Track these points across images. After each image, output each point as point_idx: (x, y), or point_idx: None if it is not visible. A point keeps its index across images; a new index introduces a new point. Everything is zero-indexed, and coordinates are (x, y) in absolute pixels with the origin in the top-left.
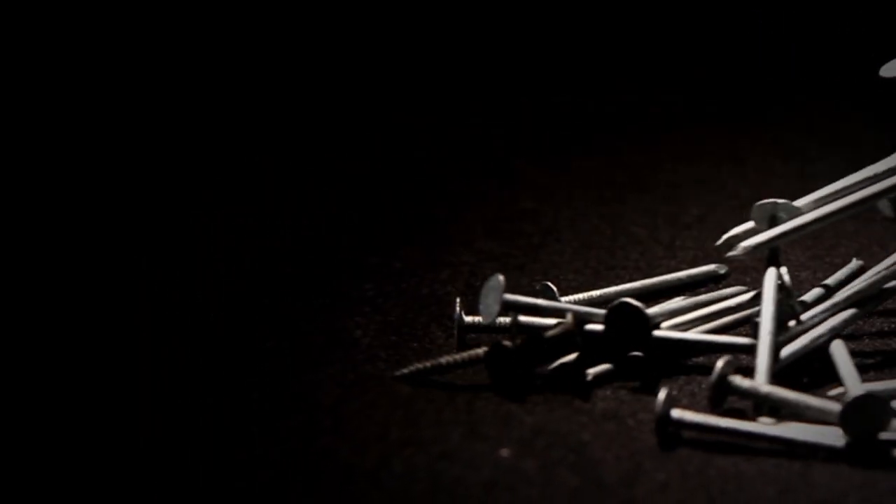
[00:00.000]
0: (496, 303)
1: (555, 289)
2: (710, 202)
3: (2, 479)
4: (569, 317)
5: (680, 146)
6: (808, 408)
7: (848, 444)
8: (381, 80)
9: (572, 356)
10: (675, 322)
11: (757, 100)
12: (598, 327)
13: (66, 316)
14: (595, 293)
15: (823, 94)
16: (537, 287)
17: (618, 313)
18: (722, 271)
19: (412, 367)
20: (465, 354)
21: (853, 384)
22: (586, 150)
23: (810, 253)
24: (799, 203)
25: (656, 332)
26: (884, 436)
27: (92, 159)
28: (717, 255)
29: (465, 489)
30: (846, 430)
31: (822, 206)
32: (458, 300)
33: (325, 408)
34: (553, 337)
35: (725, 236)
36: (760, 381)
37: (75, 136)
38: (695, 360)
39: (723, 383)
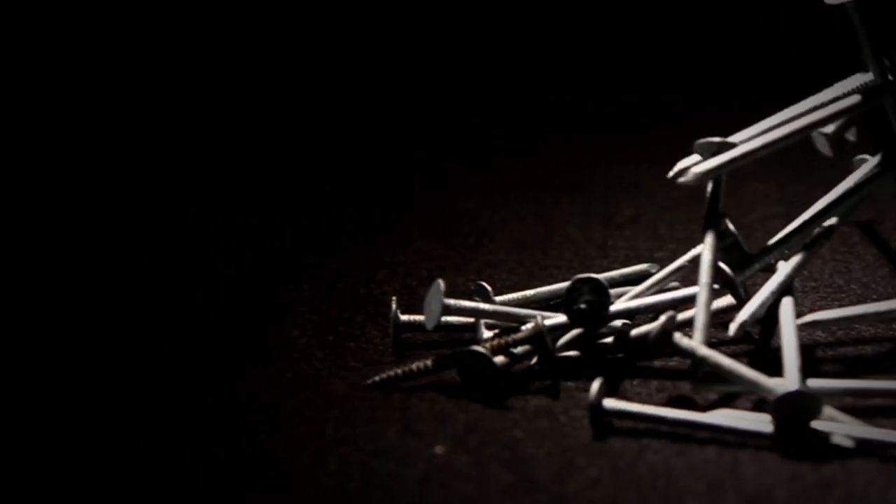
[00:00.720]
0: (437, 308)
1: (489, 288)
2: (643, 203)
3: (2, 479)
4: (538, 318)
5: (615, 149)
6: (742, 378)
7: (777, 432)
8: (327, 81)
9: (538, 357)
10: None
11: (686, 103)
12: (561, 318)
13: (65, 315)
14: (529, 293)
15: (751, 97)
16: (472, 287)
17: (576, 288)
18: (654, 270)
19: (383, 375)
20: (435, 360)
21: (791, 372)
22: (523, 154)
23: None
24: (739, 136)
25: (613, 307)
26: (814, 425)
27: (92, 159)
28: (649, 255)
29: (400, 485)
30: (775, 419)
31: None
32: (393, 300)
33: (262, 406)
34: (522, 340)
35: (676, 168)
36: (698, 339)
37: (75, 136)
38: (630, 359)
39: (664, 336)
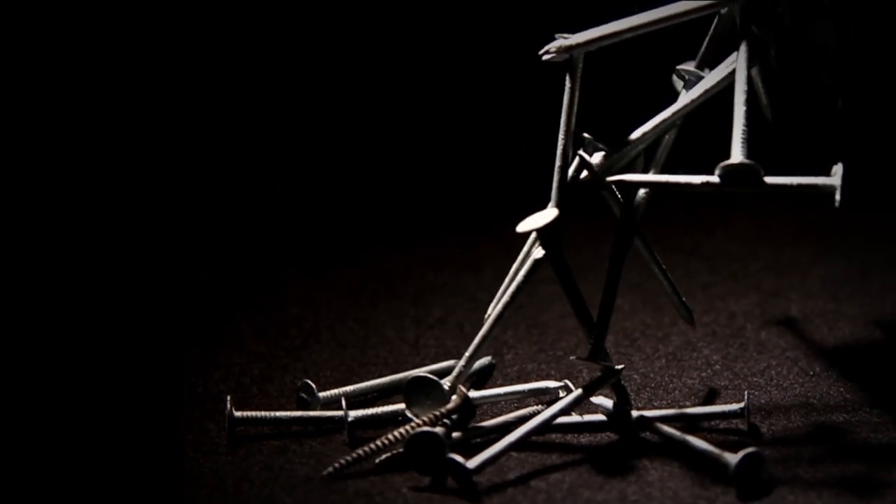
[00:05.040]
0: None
1: (314, 385)
2: (451, 305)
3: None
4: (460, 390)
5: (426, 256)
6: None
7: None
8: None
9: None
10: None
11: (490, 214)
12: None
13: (54, 316)
14: (349, 388)
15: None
16: (298, 384)
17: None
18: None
19: (336, 465)
20: (384, 440)
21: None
22: (343, 263)
23: (536, 347)
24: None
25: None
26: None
27: (91, 160)
28: (456, 352)
29: None
30: None
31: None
32: (228, 398)
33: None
34: (454, 409)
35: (543, 49)
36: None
37: (75, 136)
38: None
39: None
